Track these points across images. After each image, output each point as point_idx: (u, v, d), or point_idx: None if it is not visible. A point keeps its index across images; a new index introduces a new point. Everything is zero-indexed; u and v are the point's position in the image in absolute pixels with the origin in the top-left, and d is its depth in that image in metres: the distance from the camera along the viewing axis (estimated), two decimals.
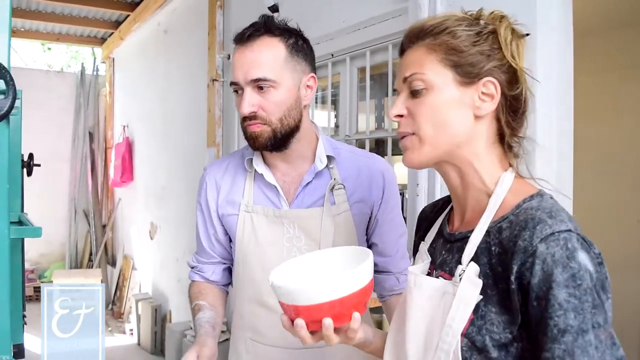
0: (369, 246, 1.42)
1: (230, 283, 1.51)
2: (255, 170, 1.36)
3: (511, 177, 0.87)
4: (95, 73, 7.00)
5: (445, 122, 0.86)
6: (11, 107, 1.09)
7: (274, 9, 2.96)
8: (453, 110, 0.86)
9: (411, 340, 0.87)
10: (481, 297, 0.79)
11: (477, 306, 0.80)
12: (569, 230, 0.75)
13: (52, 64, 9.81)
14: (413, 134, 0.88)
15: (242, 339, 1.38)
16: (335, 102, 2.91)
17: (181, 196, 4.56)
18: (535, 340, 0.75)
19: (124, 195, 6.37)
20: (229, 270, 1.49)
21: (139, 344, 4.98)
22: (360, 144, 2.55)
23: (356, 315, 0.88)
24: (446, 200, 1.05)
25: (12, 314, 1.64)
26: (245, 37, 1.24)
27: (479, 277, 0.80)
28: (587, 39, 1.64)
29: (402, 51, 0.92)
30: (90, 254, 6.73)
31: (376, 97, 2.73)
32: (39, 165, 2.30)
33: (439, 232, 0.98)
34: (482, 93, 0.86)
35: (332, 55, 2.67)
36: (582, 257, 0.73)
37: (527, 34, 0.91)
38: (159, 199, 5.14)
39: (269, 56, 1.23)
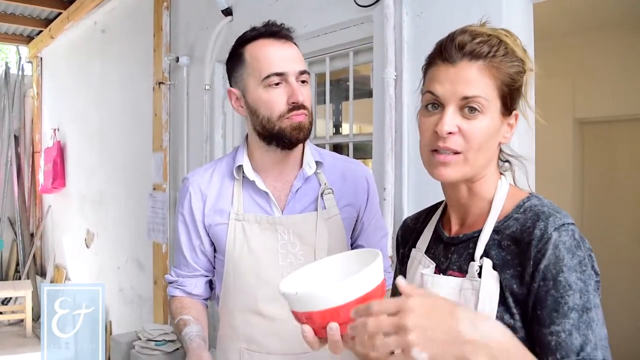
0: (354, 248, 1.44)
1: (209, 297, 1.49)
2: (243, 177, 1.35)
3: (507, 184, 0.97)
4: (20, 73, 6.61)
5: (486, 148, 0.92)
6: None
7: (228, 12, 2.93)
8: (493, 138, 0.92)
9: None
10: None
11: None
12: (574, 224, 0.87)
13: None
14: (460, 153, 0.90)
15: (236, 350, 1.36)
16: None
17: (122, 202, 4.40)
18: (536, 315, 0.84)
19: (54, 201, 6.06)
20: (210, 284, 1.47)
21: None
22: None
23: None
24: (429, 212, 1.12)
25: None
26: (278, 34, 1.28)
27: (493, 269, 0.88)
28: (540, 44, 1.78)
29: (451, 57, 0.90)
30: (17, 265, 6.35)
31: (334, 103, 2.76)
32: None
33: (436, 239, 1.03)
34: (509, 124, 0.95)
35: None
36: (583, 248, 0.85)
37: (532, 70, 0.98)
38: (96, 205, 4.93)
39: (299, 54, 1.31)
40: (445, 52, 0.91)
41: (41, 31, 5.83)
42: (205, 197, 1.37)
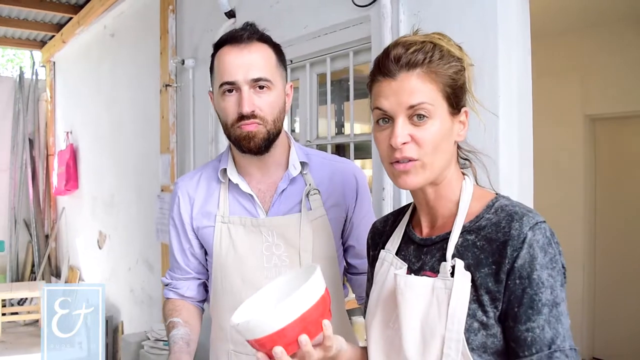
0: (346, 249, 1.44)
1: (205, 299, 1.50)
2: (229, 180, 1.36)
3: (471, 184, 1.01)
4: (34, 77, 6.71)
5: (442, 149, 0.95)
6: None
7: (231, 14, 2.95)
8: (447, 138, 0.95)
9: (408, 334, 0.94)
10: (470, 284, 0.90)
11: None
12: (545, 222, 0.90)
13: None
14: (417, 160, 0.93)
15: (224, 351, 1.37)
16: (293, 108, 2.93)
17: (132, 203, 4.45)
18: (512, 313, 0.88)
19: (68, 203, 6.15)
20: (204, 286, 1.48)
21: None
22: (322, 149, 2.58)
23: (325, 322, 0.89)
24: (397, 214, 1.15)
25: None
26: (239, 39, 1.25)
27: (466, 269, 0.92)
28: (540, 42, 1.76)
29: (390, 72, 0.94)
30: (33, 266, 6.45)
31: (335, 102, 2.77)
32: None
33: (407, 241, 1.06)
34: (460, 122, 0.98)
35: (291, 61, 2.69)
36: (554, 245, 0.88)
37: (472, 64, 1.01)
38: (107, 206, 4.99)
39: (265, 59, 1.27)
40: (384, 67, 0.95)
41: (53, 36, 5.92)
42: (192, 201, 1.39)
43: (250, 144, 1.26)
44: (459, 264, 0.91)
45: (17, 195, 6.47)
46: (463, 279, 0.90)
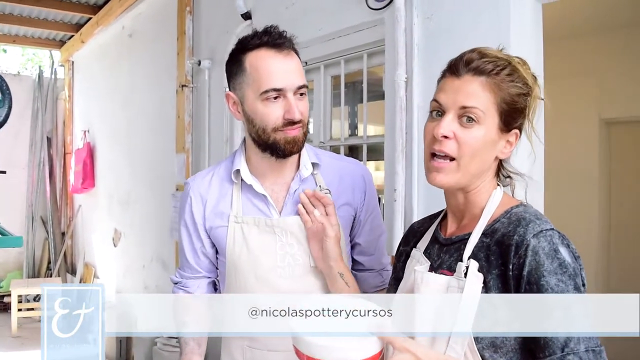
0: (352, 246, 1.47)
1: None
2: (242, 181, 1.39)
3: (501, 193, 1.05)
4: (53, 77, 6.82)
5: (481, 157, 1.00)
6: (7, 115, 1.10)
7: (247, 16, 2.99)
8: (488, 149, 1.00)
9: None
10: (482, 285, 0.95)
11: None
12: (553, 229, 0.93)
13: (7, 67, 9.49)
14: (453, 159, 0.98)
15: (239, 347, 1.40)
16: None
17: (147, 201, 4.51)
18: None
19: (84, 201, 6.23)
20: (214, 285, 1.51)
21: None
22: (335, 150, 2.60)
23: None
24: (433, 217, 1.21)
25: None
26: (280, 46, 1.27)
27: (479, 271, 0.95)
28: (556, 45, 1.76)
29: (457, 71, 0.99)
30: (49, 262, 6.54)
31: (349, 104, 2.79)
32: (4, 172, 2.25)
33: (433, 240, 1.12)
34: (508, 141, 1.02)
35: (306, 63, 2.71)
36: (563, 251, 0.91)
37: (542, 99, 1.06)
38: (123, 204, 5.06)
39: (300, 66, 1.31)
40: (454, 66, 1.01)
41: (72, 36, 6.01)
42: (205, 201, 1.41)
43: (294, 148, 1.30)
44: (473, 265, 0.96)
45: (35, 193, 6.56)
46: (475, 280, 0.94)
